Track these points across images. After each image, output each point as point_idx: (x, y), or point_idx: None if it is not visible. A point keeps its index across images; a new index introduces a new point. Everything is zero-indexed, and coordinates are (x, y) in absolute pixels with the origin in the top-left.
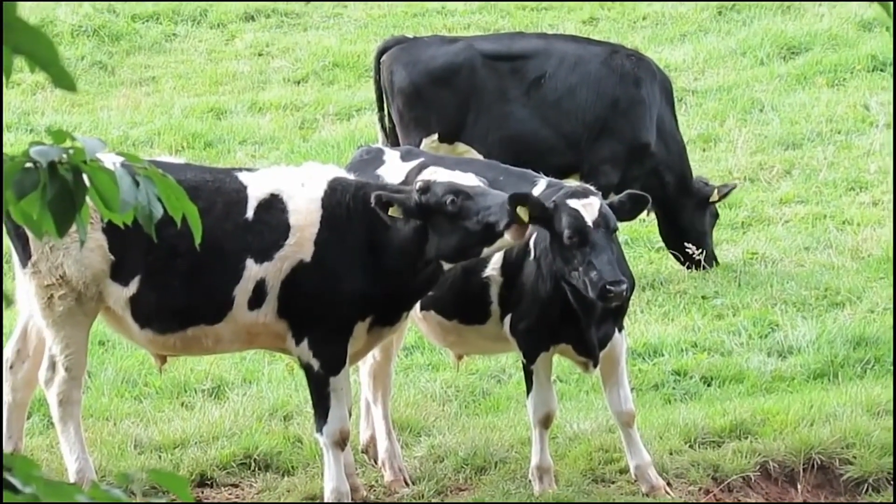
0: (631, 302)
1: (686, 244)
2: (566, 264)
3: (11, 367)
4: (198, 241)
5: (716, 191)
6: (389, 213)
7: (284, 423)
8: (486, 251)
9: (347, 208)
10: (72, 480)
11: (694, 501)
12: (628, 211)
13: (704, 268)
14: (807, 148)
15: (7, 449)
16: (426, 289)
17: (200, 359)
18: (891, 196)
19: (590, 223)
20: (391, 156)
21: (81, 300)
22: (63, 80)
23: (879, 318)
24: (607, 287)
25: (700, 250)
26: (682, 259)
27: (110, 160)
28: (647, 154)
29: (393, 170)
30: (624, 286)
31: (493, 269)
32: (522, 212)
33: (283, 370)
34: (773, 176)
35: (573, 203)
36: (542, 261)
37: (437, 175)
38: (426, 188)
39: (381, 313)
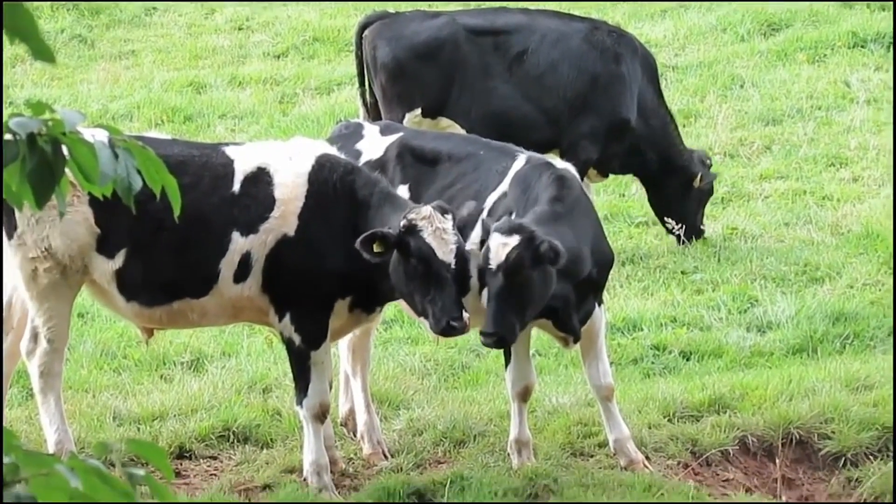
0: (610, 276)
1: (666, 219)
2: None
3: None
4: (176, 213)
5: (699, 177)
6: (374, 251)
7: (263, 395)
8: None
9: (334, 187)
10: (51, 451)
11: (672, 475)
12: (548, 260)
13: (684, 242)
14: (787, 124)
15: None
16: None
17: (179, 332)
18: (871, 172)
19: (492, 265)
20: (370, 130)
21: (66, 273)
22: (43, 53)
23: (859, 293)
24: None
25: (680, 225)
26: (668, 231)
27: (90, 133)
28: (628, 130)
29: (372, 144)
30: (491, 339)
31: (472, 244)
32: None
33: (262, 343)
34: (753, 152)
35: (494, 238)
36: None
37: (427, 226)
38: (412, 230)
39: (361, 295)
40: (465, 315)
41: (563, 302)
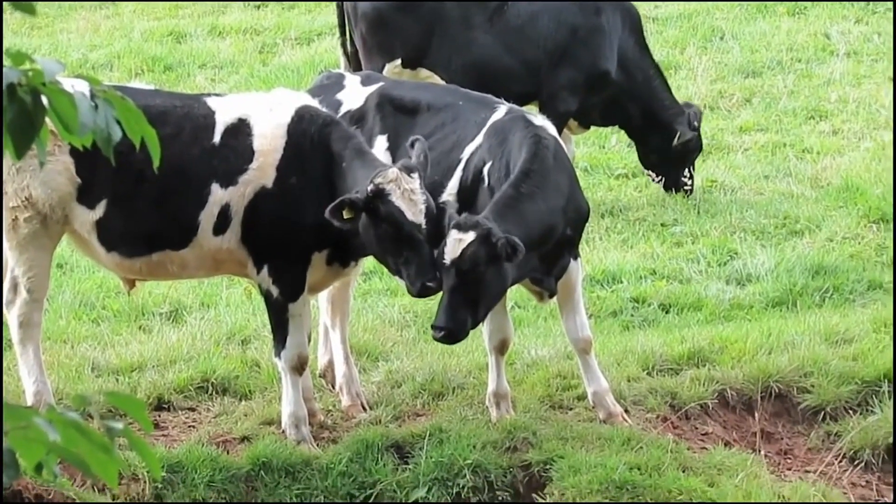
0: (590, 229)
1: (647, 171)
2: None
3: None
4: (156, 164)
5: (677, 136)
6: (344, 217)
7: (242, 347)
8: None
9: (311, 140)
10: (29, 403)
11: (651, 429)
12: (505, 256)
13: (670, 191)
14: (767, 76)
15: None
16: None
17: (159, 283)
18: (851, 125)
19: (447, 260)
20: (351, 81)
21: (46, 223)
22: (22, 3)
23: (838, 246)
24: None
25: (659, 178)
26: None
27: (70, 84)
28: (607, 82)
29: (353, 94)
30: (440, 333)
31: (448, 194)
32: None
33: (241, 294)
34: (733, 104)
35: (451, 234)
36: (495, 189)
37: (395, 189)
38: (380, 195)
39: (338, 248)
40: (439, 274)
41: (537, 265)
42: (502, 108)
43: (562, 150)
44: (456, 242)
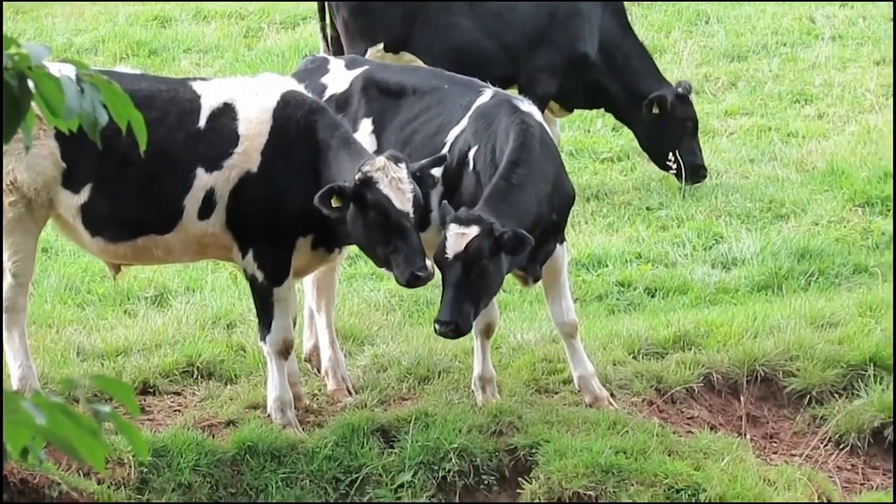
0: (575, 213)
1: (667, 161)
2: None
3: None
4: (142, 148)
5: (654, 102)
6: (333, 206)
7: (227, 331)
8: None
9: (297, 125)
10: (15, 387)
11: (637, 413)
12: (511, 249)
13: (674, 174)
14: (752, 60)
15: None
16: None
17: (144, 267)
18: (836, 109)
19: (449, 254)
20: (336, 64)
21: (31, 207)
22: None
23: (824, 230)
24: (434, 325)
25: (675, 167)
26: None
27: (56, 68)
28: (586, 65)
29: (337, 78)
30: (445, 328)
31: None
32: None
33: (226, 279)
34: (718, 88)
35: (451, 228)
36: (481, 173)
37: (382, 177)
38: (367, 182)
39: (323, 233)
40: (430, 263)
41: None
42: (488, 92)
43: (548, 136)
44: (458, 237)
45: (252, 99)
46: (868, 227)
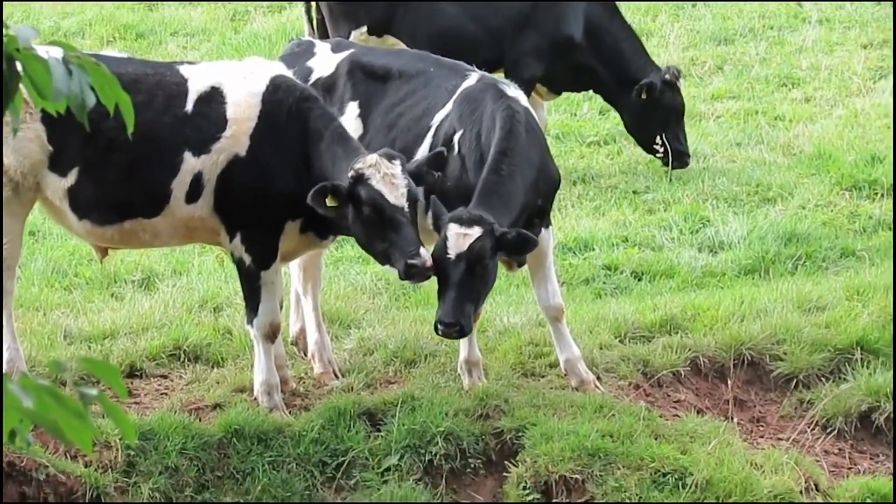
0: (561, 196)
1: (654, 146)
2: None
3: None
4: (130, 130)
5: (642, 88)
6: (328, 205)
7: (214, 314)
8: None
9: (288, 111)
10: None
11: (623, 396)
12: (515, 249)
13: (661, 157)
14: (739, 44)
15: None
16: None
17: (130, 250)
18: (823, 92)
19: (451, 254)
20: (322, 48)
21: (18, 190)
22: None
23: (811, 214)
24: (436, 325)
25: (662, 152)
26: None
27: (44, 50)
28: (572, 47)
29: (323, 61)
30: (450, 329)
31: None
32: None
33: (213, 262)
34: (705, 71)
35: (452, 228)
36: (465, 157)
37: (375, 173)
38: (360, 179)
39: (312, 218)
40: (428, 257)
41: None
42: (474, 76)
43: (533, 120)
44: (461, 237)
45: (241, 82)
46: (855, 210)
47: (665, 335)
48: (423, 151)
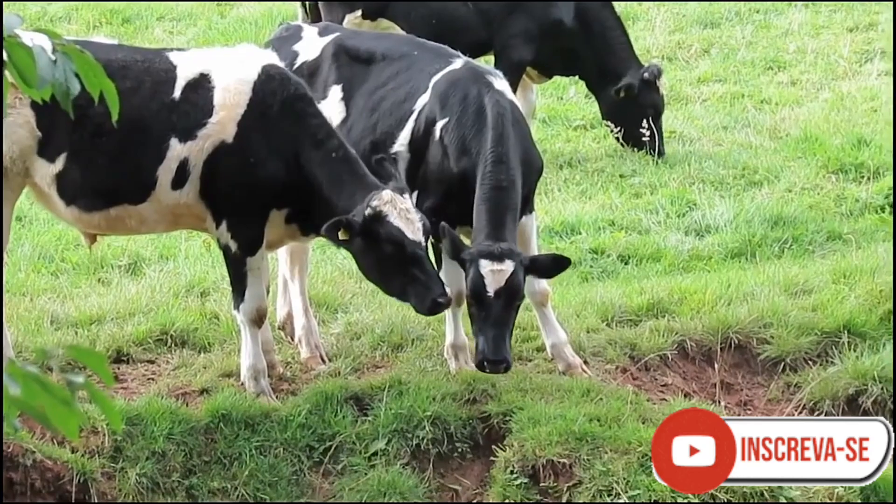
0: (548, 180)
1: (605, 122)
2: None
3: None
4: (114, 118)
5: (622, 87)
6: (340, 238)
7: (201, 299)
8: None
9: (281, 103)
10: None
11: (611, 380)
12: (546, 273)
13: (625, 146)
14: (725, 27)
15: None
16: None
17: (119, 236)
18: (809, 76)
19: (490, 292)
20: (309, 32)
21: (7, 175)
22: None
23: (797, 197)
24: (483, 363)
25: (618, 129)
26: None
27: (29, 37)
28: (561, 31)
29: (309, 45)
30: (498, 367)
31: (401, 145)
32: (445, 248)
33: (199, 247)
34: (692, 55)
35: (483, 265)
36: (448, 148)
37: (392, 210)
38: (378, 217)
39: (299, 209)
40: (448, 290)
41: None
42: (458, 61)
43: (519, 113)
44: (496, 273)
45: (231, 69)
46: (842, 193)
47: (652, 319)
48: (405, 135)
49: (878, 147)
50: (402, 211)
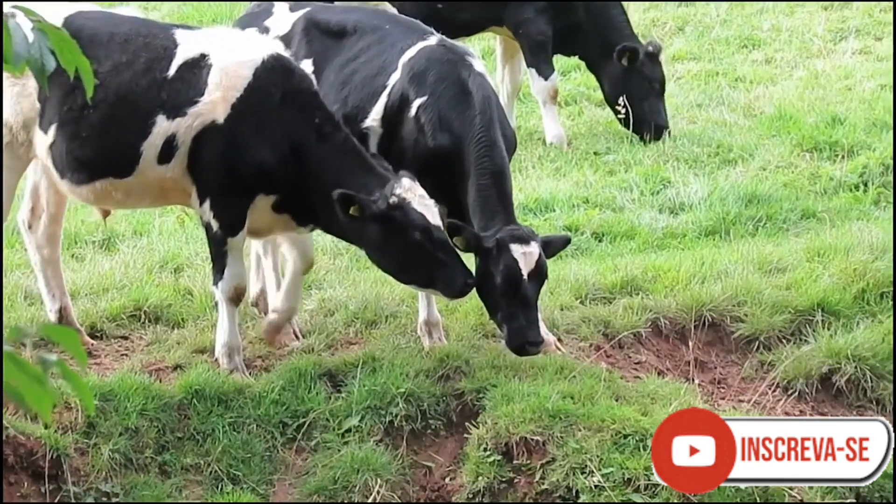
0: (522, 157)
1: (617, 105)
2: (492, 305)
3: (30, 227)
4: (88, 94)
5: (618, 51)
6: (350, 212)
7: (175, 275)
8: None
9: (284, 94)
10: None
11: (584, 358)
12: (556, 252)
13: (622, 119)
14: (699, 5)
15: (54, 307)
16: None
17: (90, 211)
18: (784, 54)
19: (525, 275)
20: (280, 7)
21: (13, 145)
22: None
23: (771, 175)
24: (526, 346)
25: (623, 112)
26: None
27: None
28: (568, 7)
29: (280, 20)
30: (538, 348)
31: (373, 120)
32: (459, 241)
33: (173, 223)
34: (666, 33)
35: (515, 249)
36: (425, 126)
37: (413, 197)
38: (402, 205)
39: (289, 199)
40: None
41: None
42: (433, 38)
43: (495, 95)
44: (528, 256)
45: (232, 52)
46: (816, 172)
47: (626, 296)
48: (377, 110)
49: (853, 125)
50: (420, 197)
